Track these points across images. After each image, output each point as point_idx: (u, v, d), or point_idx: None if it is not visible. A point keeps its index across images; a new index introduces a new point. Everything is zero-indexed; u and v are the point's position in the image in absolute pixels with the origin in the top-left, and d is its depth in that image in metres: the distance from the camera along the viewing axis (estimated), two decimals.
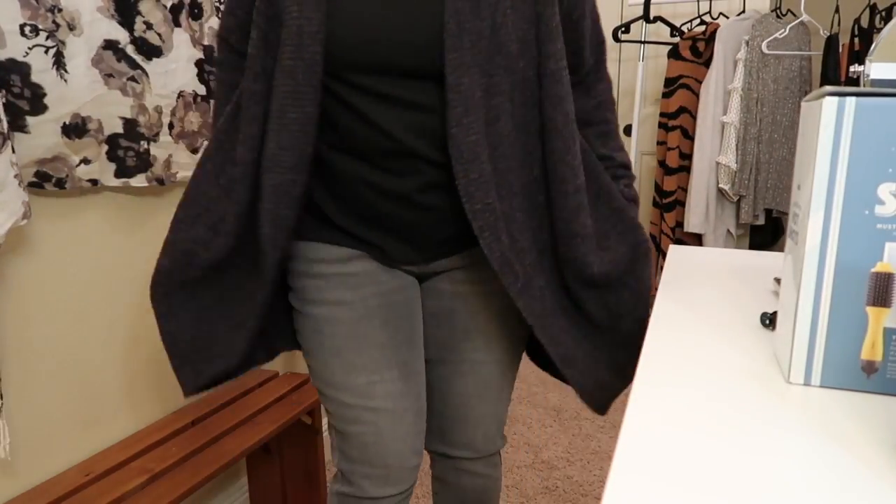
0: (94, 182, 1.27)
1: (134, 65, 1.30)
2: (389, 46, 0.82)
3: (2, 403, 1.12)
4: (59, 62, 1.16)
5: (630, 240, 0.98)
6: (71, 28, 1.18)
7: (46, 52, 1.14)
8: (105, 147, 1.28)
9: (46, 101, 1.15)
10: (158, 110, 1.37)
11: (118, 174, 1.31)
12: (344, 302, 0.96)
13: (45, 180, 1.18)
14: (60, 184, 1.20)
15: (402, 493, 1.02)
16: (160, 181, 1.40)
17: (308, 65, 0.81)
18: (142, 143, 1.34)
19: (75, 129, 1.21)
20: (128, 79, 1.29)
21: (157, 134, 1.38)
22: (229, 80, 0.92)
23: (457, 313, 1.05)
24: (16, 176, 1.06)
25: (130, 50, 1.29)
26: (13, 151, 1.06)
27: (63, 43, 1.17)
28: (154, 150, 1.37)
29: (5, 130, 1.05)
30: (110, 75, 1.26)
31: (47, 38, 1.13)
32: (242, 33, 0.89)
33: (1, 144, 1.03)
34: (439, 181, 0.89)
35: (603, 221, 0.96)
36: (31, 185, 1.16)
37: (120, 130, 1.30)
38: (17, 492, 1.20)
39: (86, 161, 1.24)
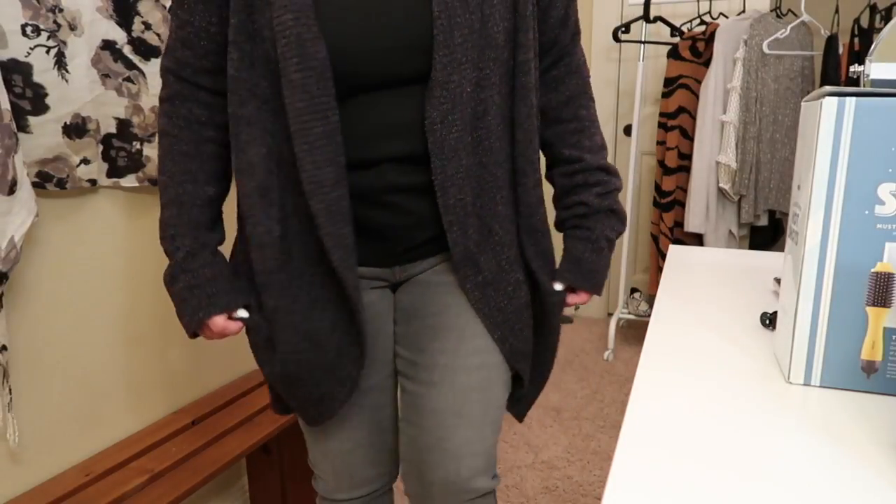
0: (93, 182, 1.27)
1: (130, 65, 1.30)
2: (382, 52, 0.79)
3: (10, 398, 1.13)
4: (60, 62, 1.16)
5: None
6: (72, 28, 1.18)
7: (48, 52, 1.14)
8: (101, 147, 1.28)
9: (48, 101, 1.15)
10: (155, 111, 1.37)
11: (109, 174, 1.31)
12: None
13: (46, 180, 1.18)
14: (61, 184, 1.21)
15: (369, 494, 1.04)
16: (153, 182, 1.40)
17: (319, 73, 0.77)
18: (134, 143, 1.34)
19: (76, 129, 1.21)
20: (123, 79, 1.29)
21: (153, 135, 1.38)
22: (187, 115, 0.85)
23: (426, 307, 0.95)
24: (27, 175, 1.08)
25: (127, 50, 1.29)
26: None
27: (64, 43, 1.17)
28: (148, 150, 1.37)
29: (16, 130, 1.06)
30: (107, 75, 1.26)
31: (48, 38, 1.13)
32: (201, 64, 0.84)
33: (15, 144, 1.04)
34: (400, 182, 0.86)
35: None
36: (33, 185, 1.16)
37: (113, 131, 1.30)
38: (18, 492, 1.20)
39: (86, 161, 1.24)
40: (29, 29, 1.10)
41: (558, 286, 0.95)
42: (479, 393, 0.92)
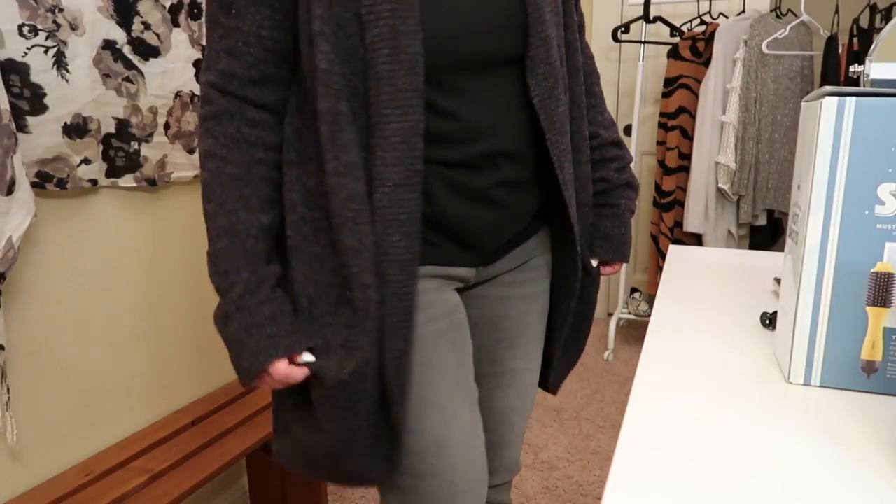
0: (94, 182, 1.27)
1: (129, 65, 1.31)
2: (484, 35, 0.77)
3: (9, 397, 1.14)
4: (59, 62, 1.16)
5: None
6: (73, 28, 1.18)
7: (46, 52, 1.14)
8: (101, 147, 1.28)
9: (46, 101, 1.15)
10: (153, 111, 1.37)
11: (108, 174, 1.31)
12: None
13: (46, 180, 1.18)
14: (62, 184, 1.21)
15: None
16: (151, 182, 1.40)
17: (408, 67, 0.72)
18: (132, 143, 1.34)
19: (76, 128, 1.21)
20: (123, 79, 1.30)
21: (151, 134, 1.38)
22: (236, 134, 0.76)
23: (504, 319, 0.96)
24: (26, 175, 1.08)
25: (127, 50, 1.29)
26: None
27: (64, 43, 1.17)
28: (146, 150, 1.37)
29: (16, 130, 1.06)
30: (107, 75, 1.26)
31: (47, 38, 1.13)
32: (249, 74, 0.76)
33: (14, 144, 1.05)
34: (510, 176, 0.85)
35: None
36: (32, 185, 1.16)
37: (113, 130, 1.30)
38: (18, 491, 1.20)
39: (86, 161, 1.24)
40: (26, 29, 1.10)
41: (594, 262, 1.00)
42: (534, 388, 1.01)
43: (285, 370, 0.76)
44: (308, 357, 0.77)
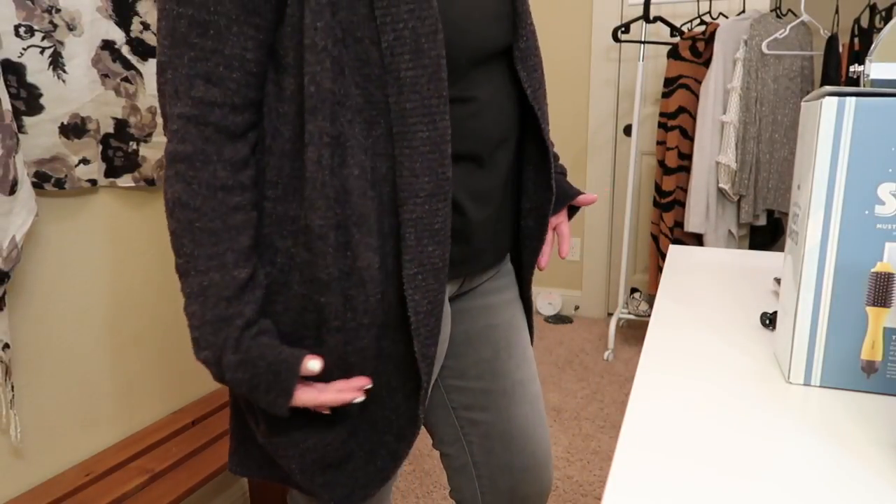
0: (94, 182, 1.27)
1: (128, 65, 1.31)
2: (485, 25, 0.76)
3: (13, 395, 1.14)
4: (56, 62, 1.16)
5: None
6: (71, 28, 1.18)
7: (42, 52, 1.14)
8: (100, 147, 1.28)
9: (43, 101, 1.15)
10: (152, 111, 1.37)
11: (107, 174, 1.31)
12: None
13: (44, 181, 1.18)
14: (60, 184, 1.21)
15: None
16: (150, 182, 1.40)
17: (432, 72, 0.68)
18: (131, 143, 1.34)
19: (74, 129, 1.21)
20: (121, 79, 1.30)
21: (150, 135, 1.38)
22: (210, 180, 0.68)
23: (494, 329, 0.93)
24: (27, 175, 1.09)
25: (126, 50, 1.30)
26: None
27: (61, 43, 1.17)
28: (144, 150, 1.37)
29: (16, 130, 1.06)
30: (106, 75, 1.26)
31: (43, 38, 1.14)
32: (232, 102, 0.68)
33: (16, 144, 1.05)
34: (507, 171, 0.84)
35: None
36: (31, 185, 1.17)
37: (111, 131, 1.30)
38: (18, 491, 1.20)
39: (85, 161, 1.24)
40: (22, 30, 1.10)
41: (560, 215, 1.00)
42: (542, 398, 0.97)
43: (310, 396, 0.72)
44: (315, 364, 0.72)
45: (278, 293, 0.74)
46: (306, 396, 0.71)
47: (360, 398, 0.74)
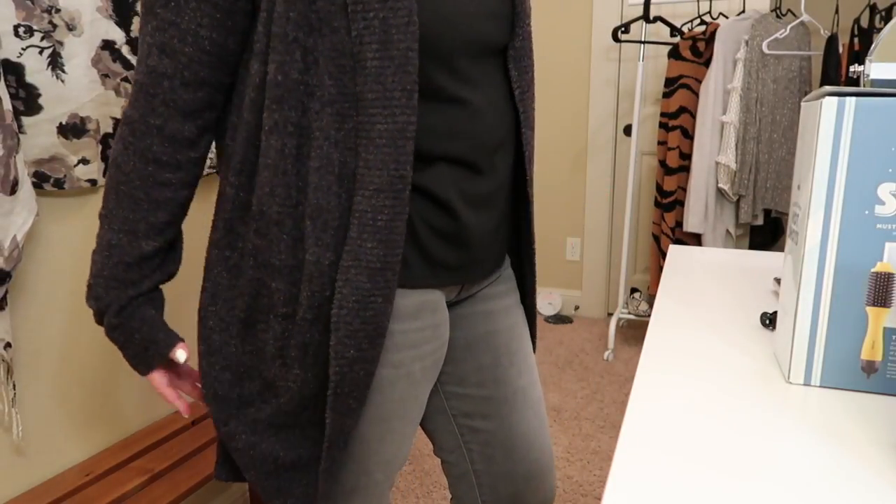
0: (93, 182, 1.27)
1: (128, 65, 1.31)
2: (480, 19, 0.75)
3: (15, 394, 1.14)
4: (55, 62, 1.16)
5: None
6: (70, 28, 1.18)
7: (41, 52, 1.14)
8: (100, 147, 1.28)
9: (41, 101, 1.15)
10: None
11: (105, 173, 1.31)
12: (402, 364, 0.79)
13: (43, 181, 1.18)
14: (59, 184, 1.21)
15: None
16: None
17: (399, 64, 0.67)
18: None
19: (73, 129, 1.21)
20: (122, 79, 1.30)
21: None
22: (145, 151, 0.72)
23: (495, 335, 0.92)
24: (27, 175, 1.09)
25: (126, 51, 1.30)
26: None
27: (60, 43, 1.17)
28: None
29: (17, 130, 1.06)
30: (106, 75, 1.26)
31: (42, 38, 1.14)
32: (182, 76, 0.70)
33: (17, 144, 1.05)
34: (505, 173, 0.83)
35: None
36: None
37: (110, 131, 1.30)
38: (18, 491, 1.20)
39: (84, 161, 1.24)
40: (21, 30, 1.10)
41: None
42: (543, 403, 0.97)
43: (158, 381, 0.82)
44: (181, 355, 0.80)
45: (238, 276, 0.77)
46: (157, 380, 0.81)
47: (185, 414, 0.84)
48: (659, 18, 2.69)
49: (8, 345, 1.11)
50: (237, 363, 0.79)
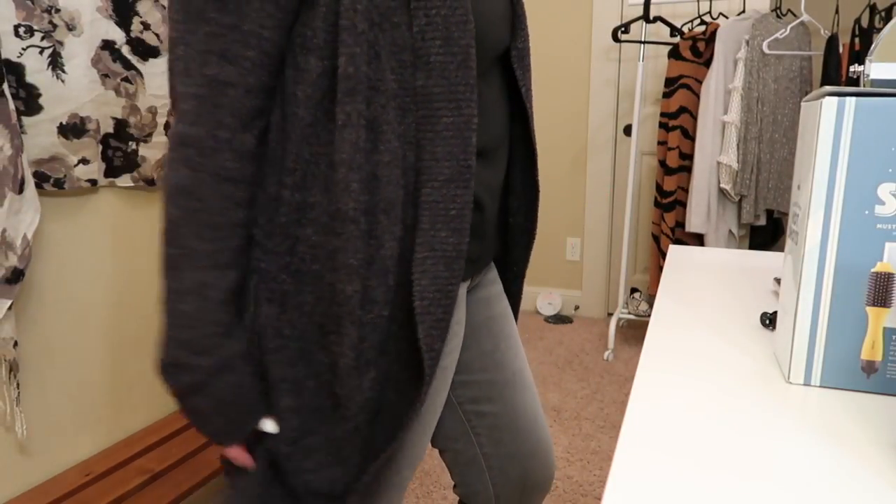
0: (93, 182, 1.27)
1: (128, 65, 1.31)
2: (500, 23, 0.79)
3: (18, 392, 1.15)
4: (55, 62, 1.16)
5: None
6: (70, 28, 1.18)
7: (41, 52, 1.14)
8: (100, 147, 1.28)
9: (41, 101, 1.15)
10: (152, 111, 1.37)
11: (107, 174, 1.31)
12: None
13: (43, 181, 1.18)
14: (59, 184, 1.21)
15: None
16: (149, 182, 1.40)
17: (461, 60, 0.68)
18: (130, 143, 1.35)
19: (73, 129, 1.21)
20: (122, 79, 1.30)
21: (150, 135, 1.38)
22: (218, 170, 0.65)
23: (492, 320, 0.95)
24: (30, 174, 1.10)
25: (126, 51, 1.30)
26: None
27: (60, 43, 1.17)
28: (144, 150, 1.38)
29: (19, 130, 1.07)
30: (106, 75, 1.26)
31: (42, 38, 1.14)
32: (247, 82, 0.65)
33: (21, 144, 1.06)
34: (503, 168, 0.87)
35: None
36: None
37: (111, 130, 1.30)
38: (18, 491, 1.20)
39: (84, 161, 1.24)
40: (22, 30, 1.10)
41: None
42: (532, 376, 1.00)
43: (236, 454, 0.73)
44: (270, 426, 0.72)
45: (306, 283, 0.70)
46: (240, 451, 0.73)
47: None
48: (659, 18, 2.69)
49: (15, 343, 1.11)
50: (316, 373, 0.73)
